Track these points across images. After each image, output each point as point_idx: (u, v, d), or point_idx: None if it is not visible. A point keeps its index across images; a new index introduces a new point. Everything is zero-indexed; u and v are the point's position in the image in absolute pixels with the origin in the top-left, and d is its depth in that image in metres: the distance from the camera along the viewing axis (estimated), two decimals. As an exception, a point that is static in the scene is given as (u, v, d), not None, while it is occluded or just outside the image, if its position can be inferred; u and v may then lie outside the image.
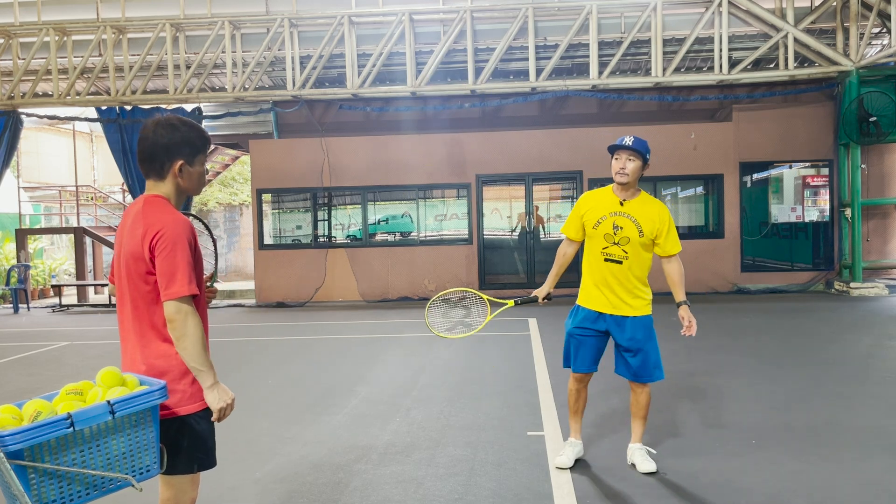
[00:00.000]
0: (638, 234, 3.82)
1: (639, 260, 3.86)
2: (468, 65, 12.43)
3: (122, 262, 2.42)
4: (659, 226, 3.84)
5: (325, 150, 13.33)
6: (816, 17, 12.20)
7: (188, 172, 2.47)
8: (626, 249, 3.84)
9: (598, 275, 3.94)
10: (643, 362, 3.91)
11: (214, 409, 2.37)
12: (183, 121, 2.47)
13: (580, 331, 4.02)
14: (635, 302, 3.90)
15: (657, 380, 3.97)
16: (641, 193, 3.95)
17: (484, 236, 13.40)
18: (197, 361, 2.32)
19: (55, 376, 7.17)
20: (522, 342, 8.30)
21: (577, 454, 4.18)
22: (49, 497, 2.01)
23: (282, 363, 7.62)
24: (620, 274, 3.87)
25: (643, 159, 3.84)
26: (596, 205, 3.95)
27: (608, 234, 3.87)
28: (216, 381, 2.37)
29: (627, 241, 3.83)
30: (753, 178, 13.46)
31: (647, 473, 3.93)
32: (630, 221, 3.84)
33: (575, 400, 4.15)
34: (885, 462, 4.07)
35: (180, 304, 2.29)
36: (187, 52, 13.23)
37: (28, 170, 19.48)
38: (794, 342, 7.93)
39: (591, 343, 4.00)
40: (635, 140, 3.83)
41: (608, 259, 3.88)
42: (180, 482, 2.44)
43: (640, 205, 3.88)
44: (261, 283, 13.51)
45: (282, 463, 4.36)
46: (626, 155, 3.83)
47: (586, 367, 4.03)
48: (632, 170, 3.82)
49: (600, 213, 3.91)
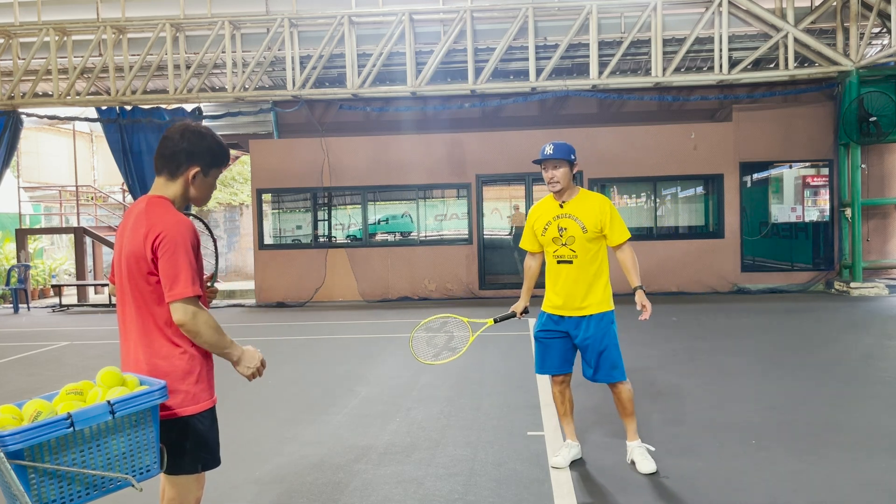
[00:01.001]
0: (581, 231, 3.91)
1: (589, 256, 3.94)
2: (468, 65, 12.43)
3: (123, 261, 2.42)
4: (601, 217, 3.93)
5: (325, 150, 13.33)
6: (816, 17, 12.20)
7: (201, 181, 2.50)
8: (574, 248, 3.93)
9: (554, 278, 4.04)
10: (599, 361, 3.94)
11: (247, 376, 2.49)
12: (212, 133, 2.53)
13: (544, 333, 4.12)
14: (592, 299, 3.96)
15: (615, 381, 3.97)
16: (580, 191, 4.06)
17: (484, 236, 13.40)
18: (218, 348, 2.41)
19: (55, 376, 7.17)
20: (522, 342, 8.30)
21: (574, 455, 4.18)
22: (49, 497, 2.01)
23: (282, 363, 7.62)
24: (573, 273, 3.95)
25: (569, 162, 3.95)
26: (541, 213, 4.09)
27: (556, 238, 3.98)
28: (241, 354, 2.47)
29: (573, 241, 3.93)
30: (753, 178, 13.45)
31: (647, 474, 3.92)
32: (572, 220, 3.94)
33: (560, 402, 4.19)
34: (885, 462, 4.07)
35: (186, 306, 2.31)
36: (187, 52, 13.22)
37: (28, 170, 19.48)
38: (794, 342, 7.93)
39: (557, 345, 4.07)
40: (556, 148, 3.93)
41: (560, 261, 3.99)
42: (185, 482, 2.45)
43: (578, 203, 3.98)
44: (261, 283, 13.51)
45: (282, 463, 4.36)
46: (551, 164, 3.95)
47: (556, 369, 4.11)
48: (561, 175, 3.94)
49: (545, 219, 4.03)
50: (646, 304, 3.84)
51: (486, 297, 13.05)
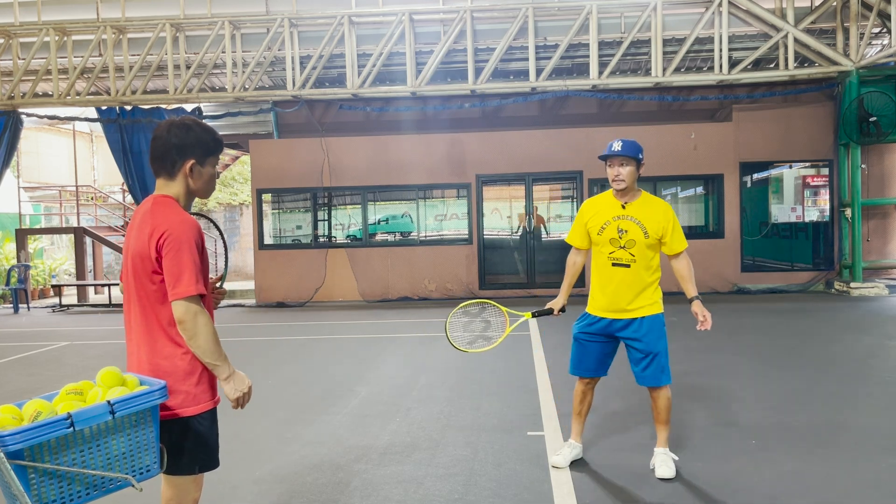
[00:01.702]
0: (643, 236, 3.78)
1: (646, 262, 3.83)
2: (468, 65, 12.43)
3: (129, 261, 2.43)
4: (664, 224, 3.80)
5: (325, 150, 13.33)
6: (816, 17, 12.20)
7: (199, 173, 2.49)
8: (633, 252, 3.80)
9: (606, 280, 3.88)
10: (648, 365, 3.85)
11: (232, 398, 2.41)
12: (197, 122, 2.51)
13: (585, 336, 3.98)
14: (644, 303, 3.84)
15: (663, 385, 3.88)
16: (642, 194, 3.91)
17: (484, 236, 13.40)
18: (211, 357, 2.36)
19: (55, 376, 7.17)
20: (522, 342, 8.30)
21: (575, 456, 4.16)
22: (49, 497, 2.01)
23: (282, 363, 7.62)
24: (628, 278, 3.82)
25: (636, 161, 3.80)
26: (598, 211, 3.92)
27: (614, 239, 3.83)
28: (232, 373, 2.41)
29: (633, 244, 3.79)
30: (753, 178, 13.45)
31: (662, 479, 3.85)
32: (634, 224, 3.80)
33: (579, 401, 4.12)
34: (885, 462, 4.07)
35: (189, 305, 2.30)
36: (187, 52, 13.22)
37: (28, 170, 19.47)
38: (795, 342, 7.93)
39: (596, 348, 3.96)
40: (624, 145, 3.79)
41: (616, 264, 3.84)
42: (183, 482, 2.45)
43: (642, 206, 3.84)
44: (261, 283, 13.51)
45: (282, 463, 4.36)
46: (619, 161, 3.80)
47: (591, 372, 4.00)
48: (627, 174, 3.79)
49: (603, 218, 3.88)
50: (706, 314, 3.74)
51: (487, 297, 13.04)
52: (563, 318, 4.48)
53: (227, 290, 2.91)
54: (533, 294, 13.06)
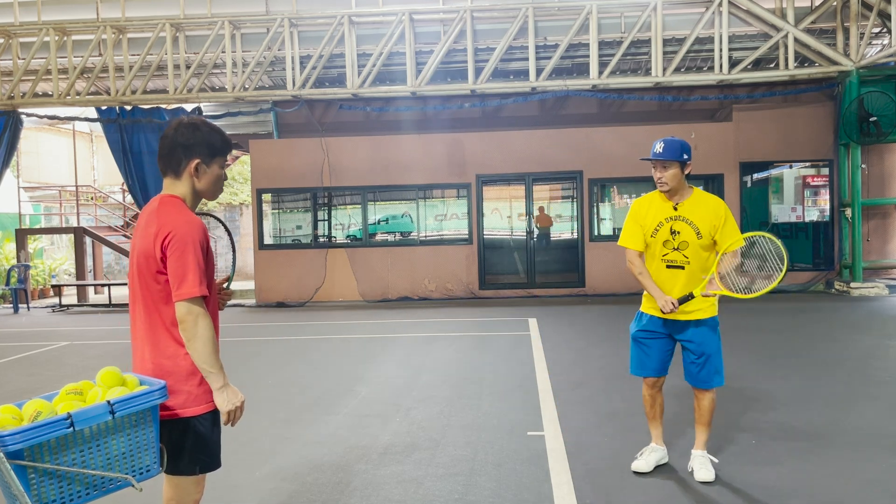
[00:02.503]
0: (696, 237, 3.69)
1: (700, 262, 3.74)
2: (468, 65, 12.43)
3: (134, 260, 2.43)
4: (715, 222, 3.68)
5: (325, 150, 13.33)
6: (816, 16, 12.20)
7: (204, 173, 2.48)
8: (687, 254, 3.72)
9: (660, 283, 3.79)
10: (703, 366, 3.80)
11: (223, 411, 2.37)
12: (206, 122, 2.50)
13: (644, 334, 3.89)
14: (700, 305, 3.75)
15: (716, 386, 3.83)
16: (694, 192, 3.80)
17: (484, 236, 13.40)
18: (207, 363, 2.33)
19: (55, 376, 7.17)
20: (522, 342, 8.30)
21: (659, 460, 4.01)
22: (49, 497, 2.01)
23: (282, 363, 7.62)
24: (683, 279, 3.74)
25: (679, 163, 3.70)
26: (651, 211, 3.83)
27: (667, 241, 3.75)
28: (226, 384, 2.37)
29: (687, 246, 3.71)
30: (753, 177, 13.45)
31: (703, 482, 3.81)
32: (686, 225, 3.71)
33: (650, 406, 4.01)
34: (885, 462, 4.07)
35: (191, 305, 2.30)
36: (187, 52, 13.23)
37: (28, 170, 19.48)
38: (794, 342, 7.93)
39: (657, 346, 3.87)
40: (665, 146, 3.71)
41: (670, 265, 3.76)
42: (184, 483, 2.44)
43: (693, 205, 3.73)
44: (261, 283, 13.51)
45: (282, 463, 4.36)
46: (660, 164, 3.72)
47: (654, 372, 3.91)
48: (669, 177, 3.70)
49: (657, 219, 3.79)
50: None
51: (486, 297, 13.05)
52: (559, 318, 4.48)
53: (233, 291, 2.90)
54: (533, 294, 13.06)
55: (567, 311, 10.90)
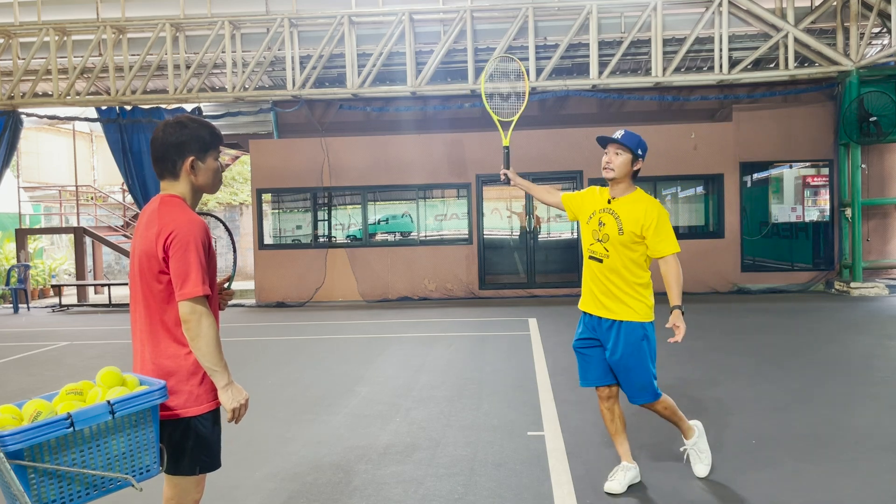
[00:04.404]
0: (617, 232, 3.60)
1: (621, 260, 3.62)
2: (468, 65, 12.43)
3: (136, 260, 2.43)
4: (644, 223, 3.56)
5: (325, 150, 13.33)
6: (816, 16, 12.20)
7: (200, 169, 2.48)
8: (607, 247, 3.65)
9: (587, 273, 3.79)
10: (627, 379, 3.65)
11: (228, 409, 2.38)
12: (193, 118, 2.49)
13: (580, 343, 3.83)
14: (618, 307, 3.63)
15: (642, 403, 3.68)
16: (636, 191, 3.72)
17: (484, 236, 13.40)
18: (211, 362, 2.34)
19: (55, 376, 7.17)
20: (522, 342, 8.30)
21: (632, 479, 3.78)
22: (49, 497, 2.01)
23: (282, 363, 7.62)
24: (601, 273, 3.68)
25: (632, 153, 3.61)
26: (593, 199, 3.82)
27: (595, 231, 3.72)
28: (230, 382, 2.38)
29: (608, 239, 3.64)
30: (753, 178, 13.45)
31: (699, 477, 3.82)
32: (612, 218, 3.64)
33: (609, 420, 3.81)
34: (885, 462, 4.07)
35: (194, 305, 2.30)
36: (187, 52, 13.22)
37: (28, 170, 19.48)
38: (794, 342, 7.93)
39: (595, 354, 3.76)
40: (625, 133, 3.63)
41: (591, 256, 3.73)
42: (184, 483, 2.44)
43: (627, 203, 3.65)
44: (261, 282, 13.51)
45: (282, 463, 4.36)
46: (614, 148, 3.65)
47: (596, 381, 3.77)
48: (618, 164, 3.61)
49: (592, 208, 3.78)
50: (679, 325, 3.49)
51: (486, 297, 13.05)
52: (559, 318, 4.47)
53: (234, 291, 2.90)
54: (533, 294, 13.06)
55: (567, 311, 10.89)
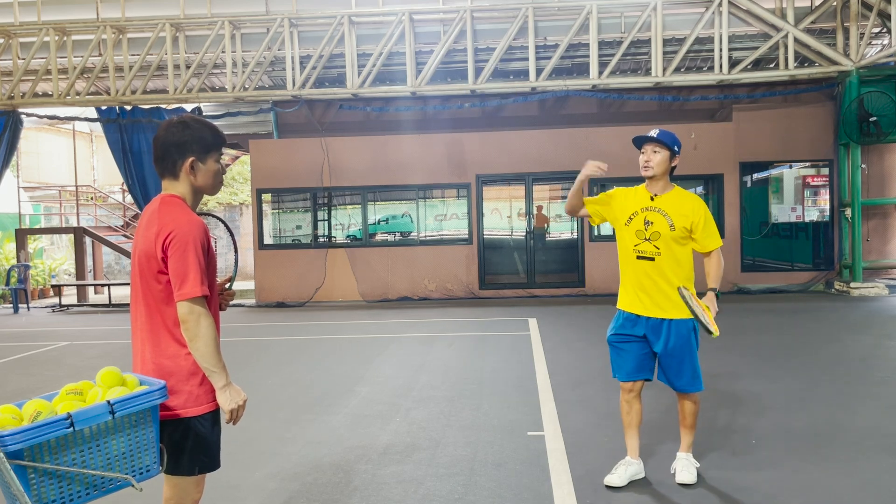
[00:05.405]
0: (669, 229, 3.63)
1: (672, 256, 3.66)
2: (468, 65, 12.43)
3: (136, 260, 2.43)
4: (693, 219, 3.64)
5: (325, 150, 13.32)
6: (816, 16, 12.20)
7: (200, 169, 2.47)
8: (658, 245, 3.65)
9: (632, 274, 3.75)
10: (678, 371, 3.72)
11: (226, 410, 2.37)
12: (196, 119, 2.49)
13: (617, 337, 3.80)
14: (670, 305, 3.67)
15: (694, 391, 3.77)
16: (675, 188, 3.77)
17: (484, 236, 13.39)
18: (209, 362, 2.33)
19: (55, 376, 7.17)
20: (522, 342, 8.30)
21: (633, 475, 3.84)
22: (49, 497, 2.01)
23: (282, 363, 7.62)
24: (654, 272, 3.67)
25: (670, 151, 3.66)
26: (628, 200, 3.80)
27: (639, 231, 3.69)
28: (228, 382, 2.38)
29: (658, 237, 3.64)
30: (753, 178, 13.45)
31: (682, 484, 3.78)
32: (661, 216, 3.65)
33: (626, 412, 3.85)
34: (885, 462, 4.07)
35: (193, 305, 2.30)
36: (187, 52, 13.22)
37: (28, 170, 19.47)
38: (794, 342, 7.93)
39: (632, 349, 3.75)
40: (661, 132, 3.68)
41: (640, 257, 3.70)
42: (183, 483, 2.44)
43: (672, 199, 3.69)
44: (261, 282, 13.51)
45: (282, 463, 4.36)
46: (651, 147, 3.68)
47: (629, 375, 3.77)
48: (657, 162, 3.66)
49: (632, 208, 3.75)
50: (711, 305, 3.61)
51: (486, 297, 13.05)
52: (559, 318, 4.47)
53: (235, 291, 2.90)
54: (533, 294, 13.06)
55: (567, 311, 10.89)
